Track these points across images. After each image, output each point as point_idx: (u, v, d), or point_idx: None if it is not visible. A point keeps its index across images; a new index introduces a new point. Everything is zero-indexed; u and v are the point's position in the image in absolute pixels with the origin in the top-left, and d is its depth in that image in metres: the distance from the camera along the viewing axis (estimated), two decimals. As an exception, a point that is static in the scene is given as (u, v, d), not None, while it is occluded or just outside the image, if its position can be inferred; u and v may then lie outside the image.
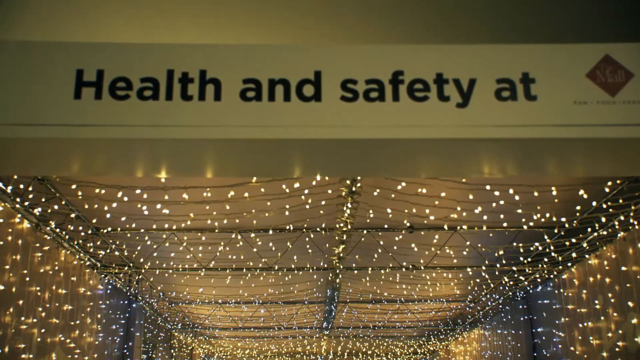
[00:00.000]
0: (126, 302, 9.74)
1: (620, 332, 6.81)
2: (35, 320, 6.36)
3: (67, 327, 7.22)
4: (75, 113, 4.04)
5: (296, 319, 12.97)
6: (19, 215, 6.11)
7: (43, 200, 6.28)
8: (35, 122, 3.95)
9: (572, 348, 8.13)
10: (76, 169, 4.64)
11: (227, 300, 11.08)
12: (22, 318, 6.09)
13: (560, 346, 8.62)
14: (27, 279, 6.18)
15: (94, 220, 7.22)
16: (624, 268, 6.65)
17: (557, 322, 8.67)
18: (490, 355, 11.86)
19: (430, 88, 3.76)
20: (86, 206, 6.70)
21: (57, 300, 6.90)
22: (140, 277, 9.66)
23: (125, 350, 9.63)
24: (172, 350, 13.27)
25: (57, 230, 6.83)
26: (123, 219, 7.06)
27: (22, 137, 3.90)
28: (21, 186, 5.95)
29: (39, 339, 6.43)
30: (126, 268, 8.65)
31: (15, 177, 5.80)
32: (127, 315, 9.77)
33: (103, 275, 8.53)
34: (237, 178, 6.03)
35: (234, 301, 11.15)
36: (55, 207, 6.46)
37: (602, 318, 7.22)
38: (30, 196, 6.07)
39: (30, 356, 6.26)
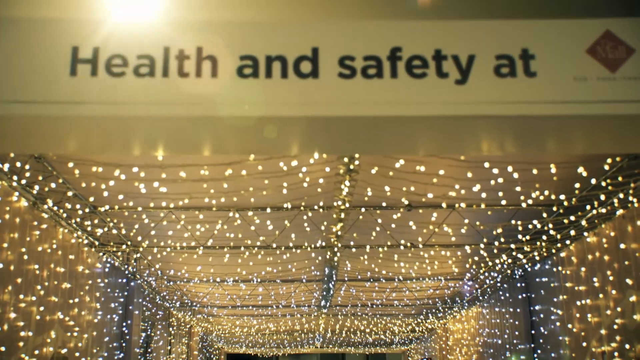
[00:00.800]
0: (124, 280, 9.76)
1: (618, 309, 6.84)
2: (34, 298, 6.37)
3: (66, 305, 7.24)
4: (71, 90, 4.00)
5: (294, 297, 13.02)
6: (16, 194, 6.09)
7: (40, 178, 6.26)
8: (30, 100, 3.91)
9: (569, 326, 8.17)
10: (73, 147, 4.62)
11: (225, 278, 11.11)
12: (21, 296, 6.10)
13: (558, 324, 8.66)
14: (26, 257, 6.17)
15: (92, 199, 7.21)
16: (622, 246, 6.65)
17: (555, 300, 8.71)
18: (488, 333, 11.93)
19: (429, 64, 3.73)
20: (83, 184, 6.67)
21: (55, 278, 6.90)
22: (138, 255, 9.67)
23: (124, 328, 9.67)
24: (171, 328, 13.33)
25: (55, 208, 6.82)
26: (120, 197, 7.04)
27: (18, 114, 3.86)
28: (18, 164, 5.92)
29: (37, 317, 6.45)
30: (124, 246, 8.66)
31: (12, 155, 5.77)
32: (126, 293, 9.80)
33: (101, 254, 8.54)
34: (235, 156, 6.00)
35: (232, 279, 11.18)
36: (53, 185, 6.44)
37: (601, 296, 7.24)
38: (27, 174, 6.05)
39: (30, 334, 6.27)
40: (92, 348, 8.16)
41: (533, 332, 9.66)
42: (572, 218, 7.29)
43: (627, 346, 6.69)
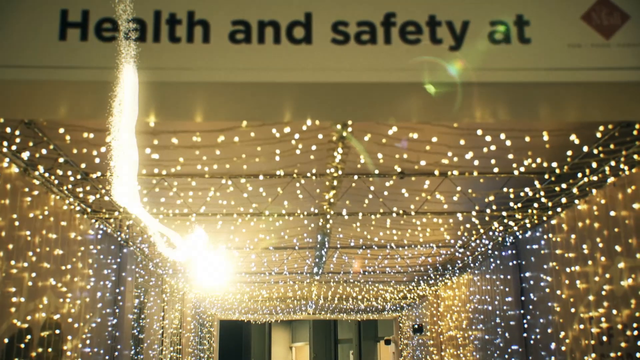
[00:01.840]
0: (117, 247, 9.77)
1: (607, 276, 6.91)
2: (25, 264, 6.38)
3: (58, 272, 7.25)
4: (60, 55, 3.96)
5: (287, 265, 13.09)
6: (7, 160, 6.05)
7: (31, 144, 6.22)
8: (19, 64, 3.87)
9: (559, 292, 8.26)
10: (63, 113, 4.58)
11: (218, 245, 11.14)
12: (12, 262, 6.10)
13: (547, 290, 8.75)
14: (17, 223, 6.16)
15: (83, 165, 7.17)
16: (612, 213, 6.69)
17: (545, 267, 8.78)
18: (479, 300, 12.06)
19: (423, 30, 3.71)
20: (75, 151, 6.64)
21: (47, 244, 6.90)
22: (130, 222, 9.67)
23: (117, 295, 9.72)
24: (164, 295, 13.40)
25: (46, 175, 6.79)
26: (112, 163, 7.00)
27: (6, 79, 3.82)
28: (8, 130, 5.87)
29: (29, 283, 6.46)
30: (116, 213, 8.65)
31: (2, 120, 5.72)
32: (119, 260, 9.82)
33: (93, 221, 8.53)
34: (227, 122, 5.97)
35: (224, 246, 11.21)
36: (44, 151, 6.40)
37: (590, 262, 7.31)
38: (18, 140, 6.01)
39: (22, 299, 6.29)
40: (85, 314, 8.21)
41: (523, 298, 9.76)
42: (564, 186, 7.32)
43: (615, 312, 6.78)
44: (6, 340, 6.05)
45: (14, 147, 6.08)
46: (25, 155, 6.26)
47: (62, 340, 7.46)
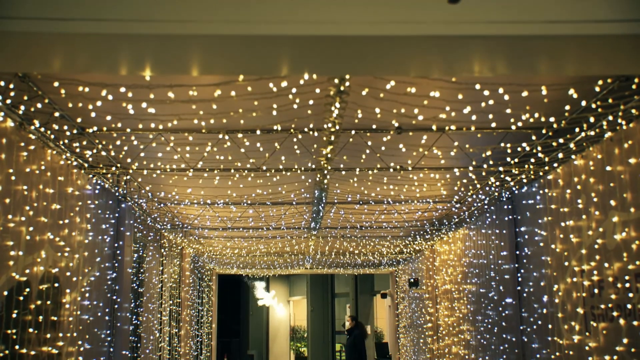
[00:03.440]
0: (115, 202, 9.80)
1: (600, 229, 6.97)
2: (23, 218, 6.40)
3: (56, 226, 7.28)
4: (53, 6, 3.90)
5: (284, 220, 13.16)
6: (2, 114, 6.01)
7: (25, 98, 6.17)
8: (10, 15, 3.82)
9: (552, 246, 8.33)
10: (57, 66, 4.54)
11: (216, 200, 11.17)
12: (10, 216, 6.12)
13: (541, 244, 8.83)
14: (13, 177, 6.15)
15: (79, 120, 7.14)
16: (609, 168, 6.71)
17: (539, 221, 8.85)
18: (474, 254, 12.17)
19: (421, -19, 3.66)
20: (70, 105, 6.60)
21: (44, 199, 6.91)
22: (128, 177, 9.68)
23: (116, 249, 9.78)
24: (162, 250, 13.51)
25: (42, 129, 6.76)
26: (108, 118, 6.98)
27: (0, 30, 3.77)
28: (2, 83, 5.83)
29: (27, 237, 6.49)
30: (113, 168, 8.65)
31: (-5, 74, 5.68)
32: (117, 215, 9.85)
33: (91, 176, 8.53)
34: (224, 76, 5.93)
35: (222, 202, 11.25)
36: (39, 105, 6.36)
37: (584, 217, 7.36)
38: (12, 94, 5.96)
39: (20, 253, 6.34)
40: (84, 268, 8.27)
41: (517, 252, 9.86)
42: (561, 141, 7.32)
43: (606, 265, 6.86)
44: (5, 293, 6.11)
45: (8, 101, 6.04)
46: (20, 109, 6.22)
47: (61, 293, 7.54)
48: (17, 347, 6.30)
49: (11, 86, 5.88)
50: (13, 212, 6.18)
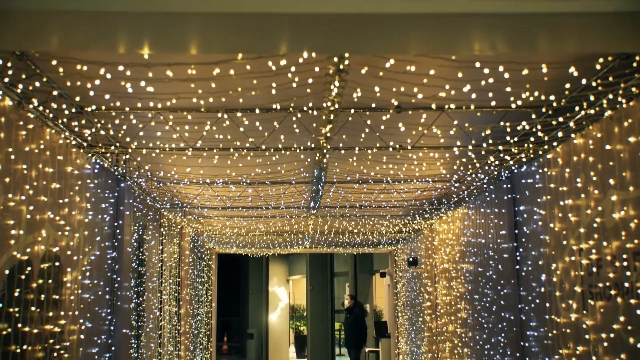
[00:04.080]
0: (114, 181, 9.81)
1: (599, 208, 6.98)
2: (23, 197, 6.40)
3: (56, 205, 7.29)
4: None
5: (283, 199, 13.17)
6: (0, 92, 5.99)
7: (23, 77, 6.15)
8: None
9: (551, 225, 8.36)
10: (55, 44, 4.52)
11: (215, 180, 11.18)
12: (10, 195, 6.13)
13: (540, 223, 8.85)
14: (13, 157, 6.15)
15: (78, 99, 7.12)
16: (608, 147, 6.71)
17: (538, 200, 8.86)
18: (473, 233, 12.21)
19: (422, -43, 3.63)
20: (68, 83, 6.57)
21: (44, 178, 6.91)
22: (127, 156, 9.67)
23: (116, 229, 9.81)
24: (162, 229, 13.54)
25: (40, 108, 6.74)
26: (107, 96, 6.96)
27: (-3, 8, 3.74)
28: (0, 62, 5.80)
29: (28, 216, 6.50)
30: (112, 148, 8.64)
31: (-7, 53, 5.65)
32: (116, 194, 9.86)
33: (90, 155, 8.53)
34: (222, 55, 5.90)
35: (221, 181, 11.26)
36: (37, 84, 6.34)
37: (583, 196, 7.37)
38: (10, 72, 5.94)
39: (20, 232, 6.35)
40: (84, 247, 8.30)
41: (516, 231, 9.89)
42: (561, 119, 7.31)
43: (605, 243, 6.88)
44: (7, 272, 6.14)
45: (6, 80, 6.02)
46: (19, 88, 6.20)
47: (62, 272, 7.57)
48: (19, 325, 6.34)
49: (9, 65, 5.85)
50: (13, 191, 6.19)
